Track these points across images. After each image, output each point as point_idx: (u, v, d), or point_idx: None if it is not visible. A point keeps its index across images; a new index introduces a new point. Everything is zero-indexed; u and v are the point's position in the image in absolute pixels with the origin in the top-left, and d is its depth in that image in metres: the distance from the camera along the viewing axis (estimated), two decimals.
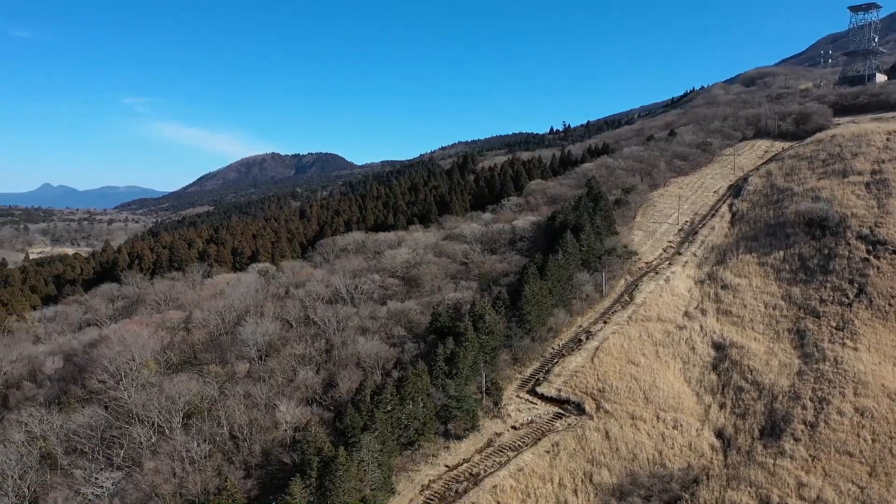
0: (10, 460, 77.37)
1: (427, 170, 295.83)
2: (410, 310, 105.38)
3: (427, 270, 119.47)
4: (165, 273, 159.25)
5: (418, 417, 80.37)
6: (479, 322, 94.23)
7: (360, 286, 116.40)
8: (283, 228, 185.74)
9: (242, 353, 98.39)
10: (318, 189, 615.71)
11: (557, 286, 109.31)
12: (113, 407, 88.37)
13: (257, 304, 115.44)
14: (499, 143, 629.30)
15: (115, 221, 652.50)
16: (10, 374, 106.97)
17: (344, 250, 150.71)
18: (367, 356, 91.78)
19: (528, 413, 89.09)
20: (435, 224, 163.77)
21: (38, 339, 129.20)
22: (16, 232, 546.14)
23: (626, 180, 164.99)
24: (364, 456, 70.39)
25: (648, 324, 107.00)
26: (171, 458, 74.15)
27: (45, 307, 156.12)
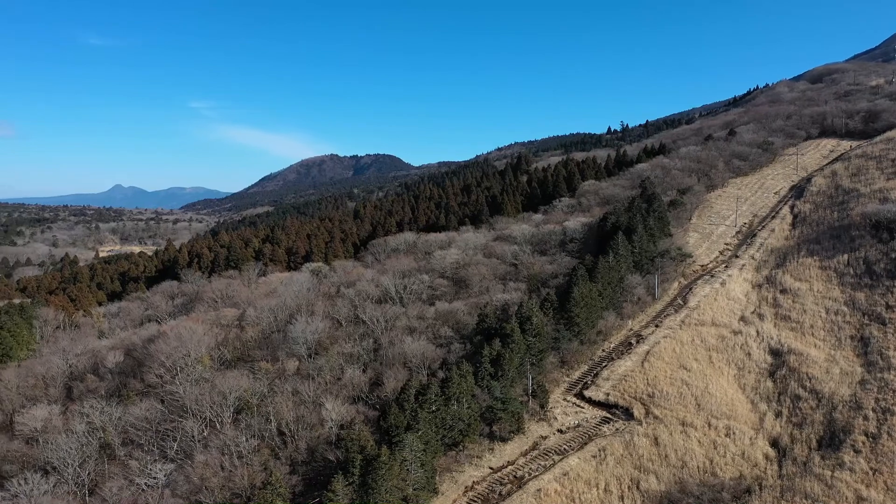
0: (72, 449, 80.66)
1: (481, 171, 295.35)
2: (458, 310, 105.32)
3: (476, 271, 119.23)
4: (223, 271, 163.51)
5: (463, 418, 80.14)
6: (526, 324, 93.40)
7: (409, 286, 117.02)
8: (336, 228, 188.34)
9: (292, 351, 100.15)
10: (374, 190, 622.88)
11: (608, 289, 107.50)
12: (169, 401, 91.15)
13: (308, 303, 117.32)
14: (555, 143, 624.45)
15: (180, 221, 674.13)
16: (76, 366, 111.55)
17: (395, 250, 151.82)
18: (413, 356, 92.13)
19: (574, 417, 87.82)
20: (486, 225, 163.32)
21: (102, 333, 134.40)
22: (88, 231, 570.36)
23: (682, 181, 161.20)
24: (407, 455, 70.57)
25: (702, 328, 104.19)
26: (221, 452, 75.95)
27: (111, 303, 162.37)
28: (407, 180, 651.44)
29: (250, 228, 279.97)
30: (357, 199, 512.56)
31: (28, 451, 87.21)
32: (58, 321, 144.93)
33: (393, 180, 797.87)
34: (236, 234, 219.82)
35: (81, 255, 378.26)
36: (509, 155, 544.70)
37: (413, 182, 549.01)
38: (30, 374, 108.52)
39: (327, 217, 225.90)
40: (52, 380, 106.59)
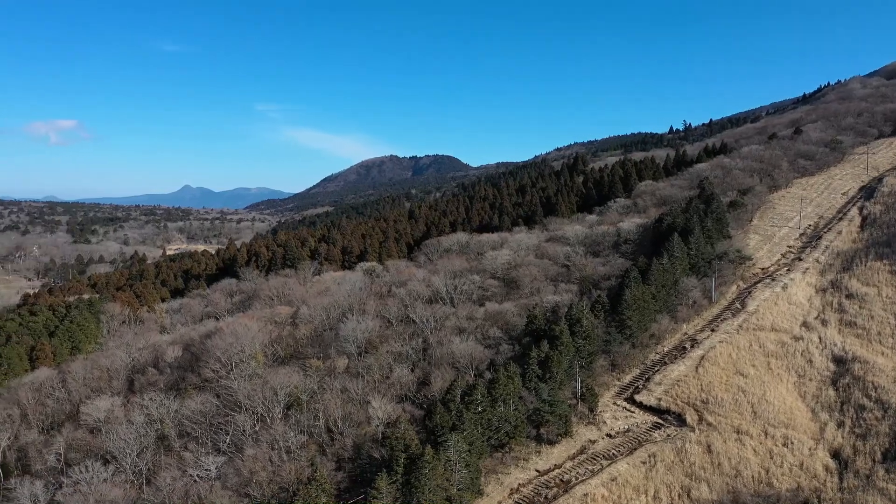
0: (130, 440, 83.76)
1: (538, 171, 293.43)
2: (508, 311, 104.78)
3: (527, 272, 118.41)
4: (279, 270, 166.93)
5: (509, 420, 79.63)
6: (576, 326, 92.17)
7: (460, 286, 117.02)
8: (391, 229, 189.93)
9: (343, 349, 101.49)
10: (431, 190, 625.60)
11: (662, 291, 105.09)
12: (223, 395, 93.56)
13: (360, 302, 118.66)
14: (615, 143, 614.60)
15: (244, 221, 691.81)
16: (137, 360, 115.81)
17: (448, 251, 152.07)
18: (461, 356, 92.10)
19: (624, 421, 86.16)
20: (539, 226, 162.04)
21: (163, 329, 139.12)
22: (157, 230, 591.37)
23: (744, 181, 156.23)
24: (451, 455, 70.53)
25: (761, 333, 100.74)
26: (270, 447, 77.56)
27: (173, 300, 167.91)
28: (464, 181, 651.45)
29: (307, 228, 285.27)
30: (415, 199, 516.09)
31: (91, 440, 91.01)
32: (123, 316, 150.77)
33: (451, 181, 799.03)
34: (293, 234, 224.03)
35: (150, 253, 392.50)
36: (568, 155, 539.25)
37: (470, 183, 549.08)
38: (95, 366, 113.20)
39: (382, 217, 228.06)
40: (116, 372, 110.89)
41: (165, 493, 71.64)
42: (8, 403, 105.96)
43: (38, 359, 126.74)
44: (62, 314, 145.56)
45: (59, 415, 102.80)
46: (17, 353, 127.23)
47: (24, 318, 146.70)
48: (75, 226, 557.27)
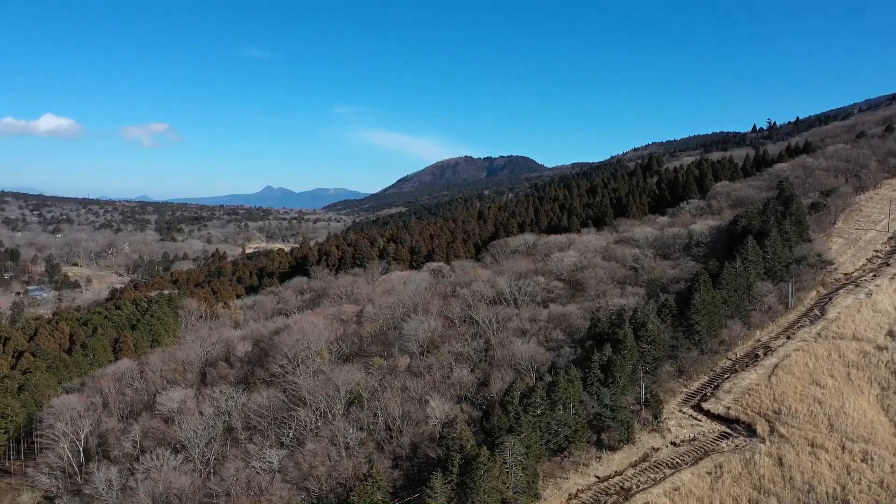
0: (199, 430, 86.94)
1: (610, 172, 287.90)
2: (571, 314, 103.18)
3: (593, 274, 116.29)
4: (349, 269, 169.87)
5: (569, 424, 78.30)
6: (641, 330, 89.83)
7: (524, 288, 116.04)
8: (459, 229, 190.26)
9: (405, 348, 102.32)
10: (504, 191, 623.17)
11: (734, 296, 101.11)
12: (289, 390, 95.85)
13: (424, 302, 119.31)
14: (695, 143, 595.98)
15: (320, 221, 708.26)
16: (210, 354, 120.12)
17: (514, 252, 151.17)
18: (522, 358, 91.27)
19: (690, 430, 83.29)
20: (609, 227, 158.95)
21: (237, 324, 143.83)
22: (238, 229, 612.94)
23: (827, 182, 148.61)
24: (507, 458, 69.93)
25: (841, 342, 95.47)
26: (330, 442, 78.93)
27: (248, 296, 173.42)
28: (538, 182, 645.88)
29: (377, 228, 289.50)
30: (487, 200, 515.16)
31: (165, 429, 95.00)
32: (200, 311, 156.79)
33: (525, 182, 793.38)
34: (363, 234, 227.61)
35: (230, 251, 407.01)
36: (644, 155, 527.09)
37: (543, 184, 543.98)
38: (172, 359, 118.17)
39: (451, 218, 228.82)
40: (190, 365, 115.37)
41: (229, 483, 73.92)
42: (92, 392, 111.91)
43: (121, 350, 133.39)
44: (144, 308, 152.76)
45: (137, 404, 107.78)
46: (102, 345, 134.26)
47: (109, 311, 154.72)
48: (163, 224, 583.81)
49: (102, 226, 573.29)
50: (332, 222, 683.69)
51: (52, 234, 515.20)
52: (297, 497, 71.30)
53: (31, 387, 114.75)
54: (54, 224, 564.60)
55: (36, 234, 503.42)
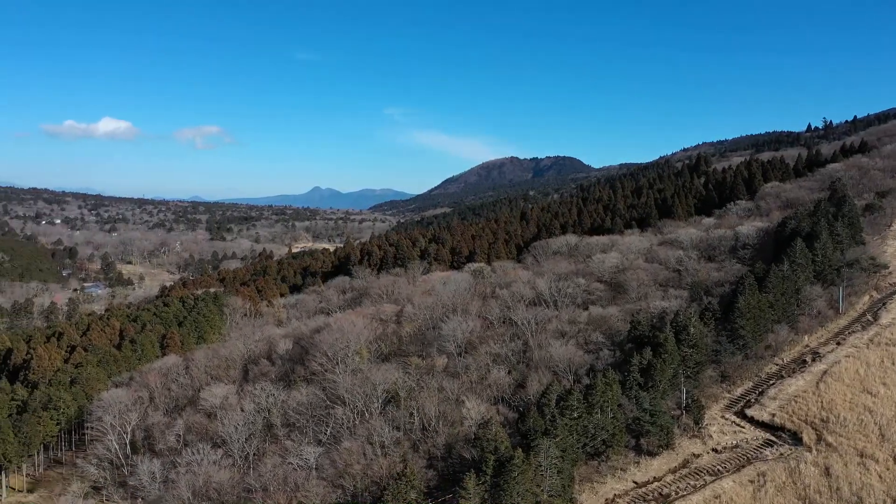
0: (239, 426, 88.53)
1: (657, 172, 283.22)
2: (611, 316, 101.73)
3: (634, 276, 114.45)
4: (390, 269, 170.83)
5: (606, 428, 77.18)
6: (682, 333, 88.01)
7: (564, 289, 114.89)
8: (501, 230, 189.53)
9: (443, 348, 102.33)
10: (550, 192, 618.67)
11: (781, 300, 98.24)
12: (328, 388, 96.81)
13: (464, 302, 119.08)
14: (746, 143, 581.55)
15: (365, 221, 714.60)
16: (253, 351, 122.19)
17: (556, 253, 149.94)
18: (560, 360, 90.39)
19: (732, 436, 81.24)
20: (653, 228, 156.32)
21: (280, 322, 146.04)
22: (285, 229, 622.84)
23: (883, 182, 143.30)
24: (542, 460, 69.27)
25: (895, 349, 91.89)
26: (366, 441, 79.40)
27: (291, 295, 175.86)
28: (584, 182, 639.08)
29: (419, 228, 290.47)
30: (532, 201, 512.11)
31: (207, 423, 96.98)
32: (244, 310, 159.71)
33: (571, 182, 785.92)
34: (405, 234, 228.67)
35: (277, 251, 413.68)
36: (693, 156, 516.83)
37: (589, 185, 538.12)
38: (216, 355, 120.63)
39: (493, 218, 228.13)
40: (233, 362, 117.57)
41: (266, 478, 75.02)
42: (139, 386, 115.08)
43: (168, 346, 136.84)
44: (190, 306, 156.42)
45: (181, 399, 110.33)
46: (150, 341, 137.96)
47: (157, 308, 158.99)
48: (213, 224, 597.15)
49: (156, 225, 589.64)
50: (377, 223, 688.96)
51: (108, 232, 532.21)
52: (332, 494, 71.97)
53: (82, 380, 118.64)
54: (111, 223, 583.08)
55: (93, 233, 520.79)
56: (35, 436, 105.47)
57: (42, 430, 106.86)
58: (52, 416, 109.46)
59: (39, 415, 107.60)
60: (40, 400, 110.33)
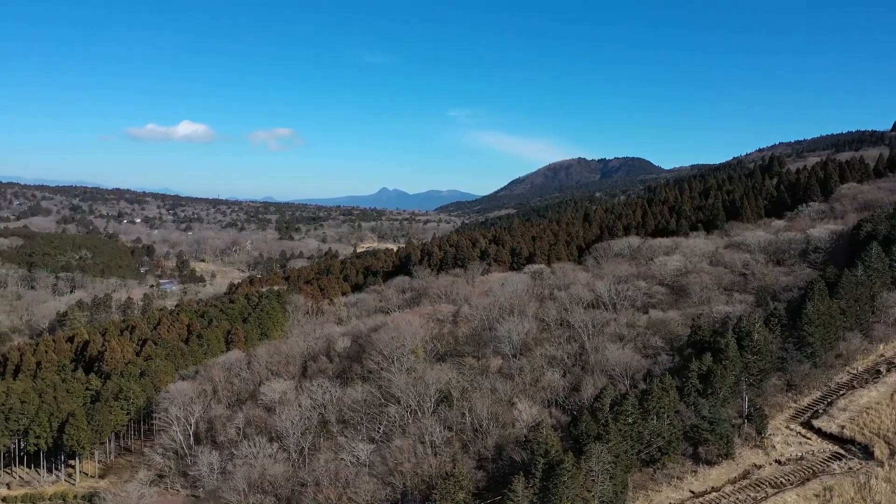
0: (295, 421, 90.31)
1: (727, 173, 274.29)
2: (672, 320, 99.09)
3: (698, 279, 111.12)
4: (450, 269, 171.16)
5: (662, 434, 75.13)
6: (745, 339, 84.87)
7: (624, 292, 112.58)
8: (562, 231, 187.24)
9: (498, 349, 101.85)
10: (617, 194, 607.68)
11: (853, 306, 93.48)
12: (383, 387, 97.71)
13: (521, 304, 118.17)
14: (825, 143, 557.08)
15: (430, 222, 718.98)
16: (313, 348, 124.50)
17: (618, 255, 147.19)
18: (616, 364, 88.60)
19: (797, 448, 77.84)
20: (719, 231, 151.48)
21: (340, 320, 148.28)
22: (351, 229, 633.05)
23: None
24: (593, 466, 67.96)
25: None
26: (418, 440, 79.72)
27: (353, 294, 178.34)
28: (653, 184, 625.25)
29: (480, 229, 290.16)
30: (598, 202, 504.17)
31: (266, 418, 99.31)
32: (307, 307, 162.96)
33: (639, 184, 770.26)
34: (465, 235, 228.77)
35: (342, 251, 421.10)
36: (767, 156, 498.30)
37: (658, 186, 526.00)
38: (277, 351, 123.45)
39: (555, 220, 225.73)
40: (293, 358, 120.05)
41: (318, 473, 76.28)
42: (204, 380, 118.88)
43: (233, 342, 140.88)
44: (255, 303, 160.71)
45: (242, 393, 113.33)
46: (216, 336, 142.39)
47: (224, 305, 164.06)
48: (282, 224, 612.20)
49: (228, 224, 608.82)
50: (441, 223, 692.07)
51: (184, 231, 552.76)
52: (381, 491, 72.59)
53: (151, 372, 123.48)
54: (187, 222, 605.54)
55: (170, 232, 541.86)
56: (106, 424, 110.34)
57: (113, 419, 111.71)
58: (123, 406, 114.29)
59: (111, 404, 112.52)
60: (112, 390, 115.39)
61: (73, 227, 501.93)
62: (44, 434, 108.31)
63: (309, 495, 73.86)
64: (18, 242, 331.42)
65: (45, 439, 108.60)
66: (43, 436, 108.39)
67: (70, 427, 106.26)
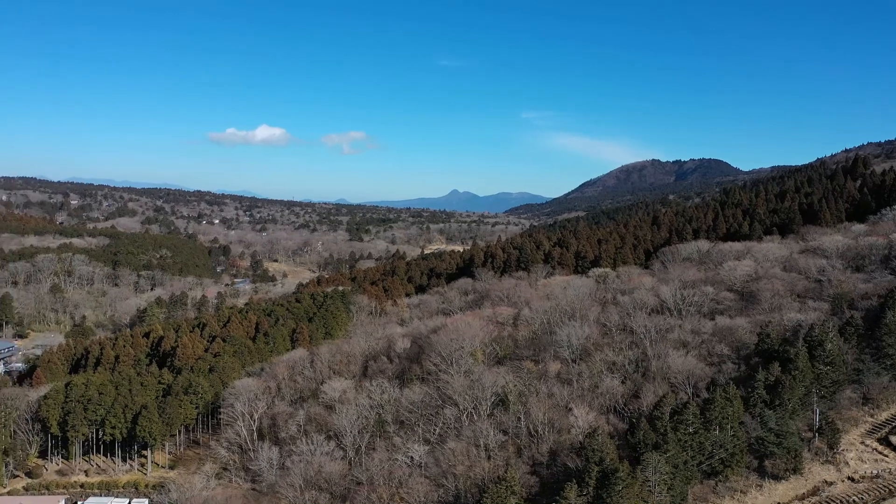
0: (353, 419, 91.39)
1: (807, 175, 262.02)
2: (739, 328, 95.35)
3: (769, 286, 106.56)
4: (513, 272, 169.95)
5: (725, 446, 72.45)
6: (818, 349, 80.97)
7: (689, 297, 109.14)
8: (629, 234, 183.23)
9: (557, 354, 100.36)
10: (691, 196, 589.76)
11: None
12: (441, 388, 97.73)
13: (582, 308, 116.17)
14: None
15: (499, 224, 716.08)
16: (374, 348, 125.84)
17: (686, 259, 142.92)
18: (678, 372, 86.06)
19: (873, 465, 73.75)
20: (795, 235, 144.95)
21: (402, 321, 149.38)
22: (420, 231, 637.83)
23: None
24: (650, 476, 66.09)
25: None
26: (473, 443, 79.43)
27: (416, 295, 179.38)
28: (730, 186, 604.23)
29: (544, 231, 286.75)
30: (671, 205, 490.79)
31: (325, 416, 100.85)
32: (370, 308, 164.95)
33: (715, 186, 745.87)
34: (529, 237, 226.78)
35: (410, 252, 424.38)
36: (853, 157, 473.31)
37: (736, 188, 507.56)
38: (339, 351, 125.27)
39: (622, 223, 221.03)
40: (354, 358, 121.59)
41: (373, 472, 76.95)
42: (268, 377, 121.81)
43: (298, 340, 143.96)
44: (320, 302, 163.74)
45: (305, 391, 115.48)
46: (282, 334, 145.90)
47: (290, 304, 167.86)
48: (353, 225, 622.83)
49: (301, 226, 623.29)
50: (510, 226, 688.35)
51: (258, 232, 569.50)
52: (433, 493, 72.69)
53: (219, 368, 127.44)
54: (262, 223, 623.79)
55: (246, 233, 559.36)
56: (176, 417, 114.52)
57: (182, 412, 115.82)
58: (192, 401, 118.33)
59: (181, 398, 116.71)
60: (182, 385, 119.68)
61: (156, 227, 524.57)
62: (119, 425, 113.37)
63: (363, 493, 74.58)
64: (105, 242, 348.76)
65: (120, 430, 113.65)
66: (118, 426, 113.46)
67: (142, 419, 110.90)
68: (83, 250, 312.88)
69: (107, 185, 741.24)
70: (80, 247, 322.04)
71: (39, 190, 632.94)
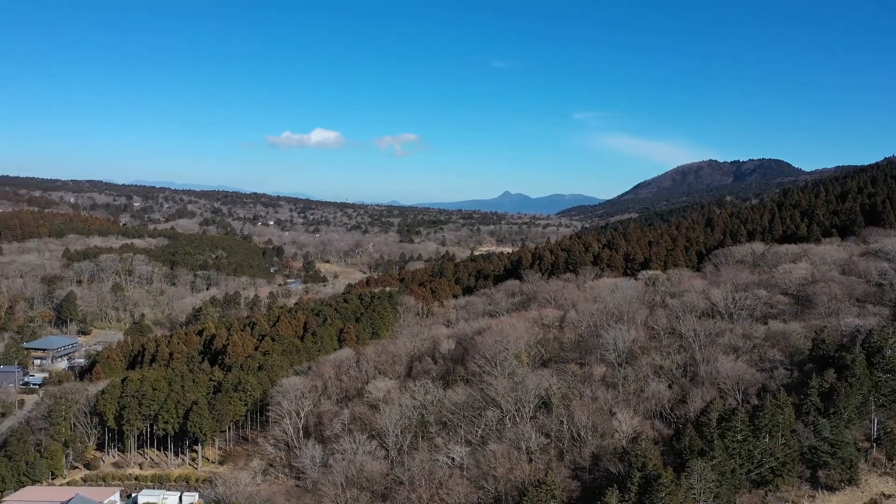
0: (395, 419, 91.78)
1: (872, 175, 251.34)
2: (793, 332, 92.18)
3: (825, 289, 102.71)
4: (561, 274, 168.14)
5: (776, 455, 70.11)
6: (876, 356, 77.74)
7: (742, 301, 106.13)
8: (681, 236, 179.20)
9: (602, 357, 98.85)
10: (749, 197, 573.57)
11: None
12: (484, 390, 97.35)
13: (630, 311, 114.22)
14: None
15: (550, 226, 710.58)
16: (419, 349, 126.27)
17: (739, 262, 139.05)
18: (727, 377, 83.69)
19: None
20: (856, 237, 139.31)
21: (448, 322, 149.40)
22: (471, 232, 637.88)
23: None
24: (695, 483, 64.41)
25: None
26: (515, 446, 78.83)
27: (464, 297, 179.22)
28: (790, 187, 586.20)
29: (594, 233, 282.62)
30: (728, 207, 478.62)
31: (369, 415, 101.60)
32: (417, 309, 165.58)
33: (775, 187, 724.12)
34: (578, 239, 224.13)
35: (460, 254, 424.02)
36: None
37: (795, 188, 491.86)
38: (385, 351, 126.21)
39: (675, 224, 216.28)
40: (399, 358, 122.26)
41: (413, 472, 77.08)
42: (315, 376, 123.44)
43: (345, 340, 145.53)
44: (367, 303, 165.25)
45: (350, 390, 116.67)
46: (329, 334, 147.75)
47: (338, 304, 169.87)
48: (404, 227, 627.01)
49: (353, 227, 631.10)
50: (561, 227, 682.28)
51: (311, 233, 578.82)
52: (473, 494, 72.39)
53: (267, 367, 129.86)
54: (315, 225, 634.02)
55: (299, 234, 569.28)
56: (226, 414, 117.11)
57: (232, 409, 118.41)
58: (241, 398, 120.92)
59: (230, 395, 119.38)
60: (232, 382, 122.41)
61: (213, 228, 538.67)
62: (171, 420, 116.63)
63: (403, 493, 74.78)
64: (164, 242, 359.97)
65: (172, 425, 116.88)
66: (170, 421, 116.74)
67: (193, 415, 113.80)
68: (143, 250, 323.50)
69: (168, 188, 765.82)
70: (141, 247, 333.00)
71: (105, 192, 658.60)
